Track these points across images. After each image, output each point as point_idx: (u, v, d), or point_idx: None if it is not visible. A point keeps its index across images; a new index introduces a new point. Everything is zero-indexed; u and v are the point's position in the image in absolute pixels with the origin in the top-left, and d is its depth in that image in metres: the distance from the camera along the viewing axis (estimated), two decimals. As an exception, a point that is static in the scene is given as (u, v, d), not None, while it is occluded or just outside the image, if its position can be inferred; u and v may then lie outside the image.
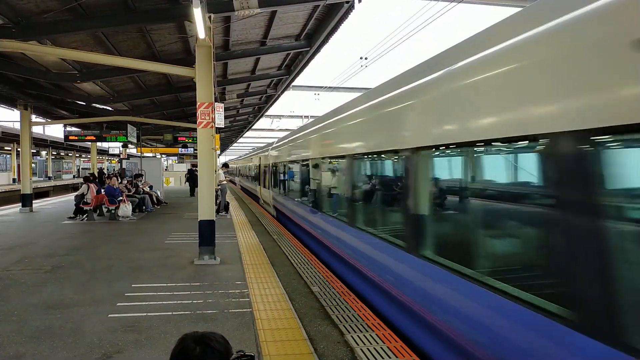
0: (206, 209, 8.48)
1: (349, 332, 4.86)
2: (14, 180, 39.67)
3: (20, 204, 17.26)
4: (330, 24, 10.64)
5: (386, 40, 59.03)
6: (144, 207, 16.65)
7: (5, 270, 7.65)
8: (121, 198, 14.64)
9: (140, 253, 9.08)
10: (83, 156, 61.31)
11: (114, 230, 12.45)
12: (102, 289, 6.49)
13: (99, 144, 29.65)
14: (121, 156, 26.70)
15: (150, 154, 30.12)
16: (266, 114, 29.58)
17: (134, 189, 17.40)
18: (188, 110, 20.57)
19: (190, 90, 13.85)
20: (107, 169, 41.12)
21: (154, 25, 9.69)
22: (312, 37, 12.28)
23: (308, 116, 33.05)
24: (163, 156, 35.89)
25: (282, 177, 14.54)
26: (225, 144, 52.07)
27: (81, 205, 14.35)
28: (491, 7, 13.01)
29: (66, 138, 19.77)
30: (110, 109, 19.12)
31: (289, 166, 13.38)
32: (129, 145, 24.98)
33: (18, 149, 27.17)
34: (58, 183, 43.68)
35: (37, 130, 34.93)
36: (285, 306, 5.77)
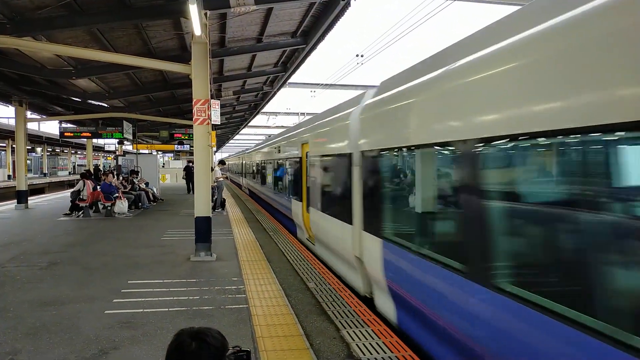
0: (202, 206, 8.48)
1: (345, 328, 4.89)
2: (9, 176, 39.51)
3: (15, 201, 17.21)
4: (326, 21, 10.63)
5: (382, 37, 59.07)
6: (140, 204, 16.62)
7: (0, 267, 7.64)
8: (117, 195, 14.61)
9: (136, 250, 9.08)
10: (79, 153, 61.06)
11: (110, 227, 12.44)
12: (98, 286, 6.49)
13: (95, 141, 29.57)
14: (117, 153, 26.65)
15: (146, 151, 30.08)
16: (262, 111, 29.52)
17: (130, 186, 17.39)
18: (184, 107, 20.51)
19: (186, 87, 13.83)
20: (103, 166, 40.96)
21: (150, 21, 9.65)
22: (309, 34, 12.26)
23: (304, 113, 33.03)
24: (159, 153, 35.84)
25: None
26: (221, 141, 51.97)
27: (77, 201, 14.32)
28: (487, 5, 13.03)
29: (61, 135, 19.69)
30: (106, 106, 19.03)
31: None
32: (125, 142, 24.91)
33: (13, 146, 27.13)
34: (54, 180, 43.52)
35: (33, 126, 34.75)
36: (281, 302, 5.80)
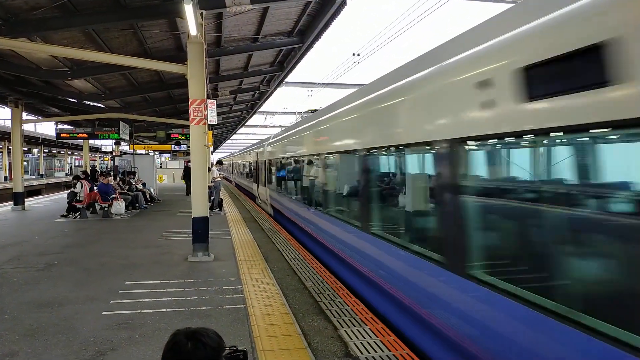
0: (199, 206, 8.47)
1: (343, 327, 4.90)
2: (6, 178, 39.36)
3: (12, 203, 17.15)
4: (322, 20, 10.63)
5: (378, 36, 59.05)
6: (137, 205, 16.59)
7: (-3, 268, 7.61)
8: (114, 195, 14.58)
9: (133, 250, 9.06)
10: (75, 154, 60.87)
11: (107, 227, 12.41)
12: (96, 287, 6.48)
13: (91, 142, 29.44)
14: (114, 154, 26.54)
15: (143, 151, 29.99)
16: (259, 111, 29.51)
17: (127, 187, 17.35)
18: (181, 107, 20.47)
19: (182, 87, 13.76)
20: (100, 167, 40.85)
21: (145, 21, 9.64)
22: (305, 34, 12.26)
23: (301, 113, 32.98)
24: (156, 153, 35.73)
25: None
26: (218, 141, 51.93)
27: (74, 203, 14.29)
28: (484, 3, 13.05)
29: (58, 136, 19.59)
30: (102, 106, 18.98)
31: None
32: (122, 142, 24.83)
33: (9, 147, 27.01)
34: (50, 181, 43.37)
35: (29, 127, 34.60)
36: (279, 302, 5.80)
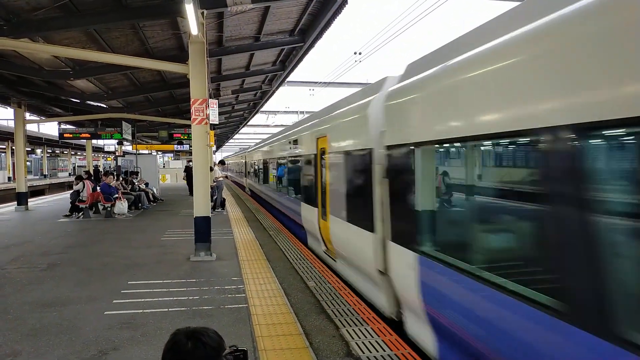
0: (201, 206, 8.48)
1: (344, 326, 4.89)
2: (9, 178, 39.50)
3: (15, 203, 17.21)
4: (324, 19, 10.62)
5: (380, 34, 58.95)
6: (140, 205, 16.61)
7: (0, 268, 7.64)
8: (117, 195, 14.61)
9: (136, 250, 9.08)
10: (78, 154, 61.05)
11: (110, 227, 12.44)
12: (98, 287, 6.49)
13: (94, 142, 29.56)
14: (116, 153, 26.65)
15: (145, 151, 30.08)
16: (261, 110, 29.53)
17: (130, 186, 17.38)
18: (183, 107, 20.51)
19: (184, 86, 13.80)
20: (103, 167, 40.96)
21: (147, 21, 9.65)
22: (306, 32, 12.26)
23: (303, 112, 33.01)
24: (159, 153, 35.84)
25: None
26: (221, 141, 51.97)
27: (77, 203, 14.33)
28: (485, 0, 13.01)
29: (61, 136, 19.70)
30: (104, 106, 19.03)
31: None
32: (124, 142, 24.91)
33: (13, 147, 27.14)
34: (54, 181, 43.50)
35: (32, 128, 34.83)
36: (281, 301, 5.80)
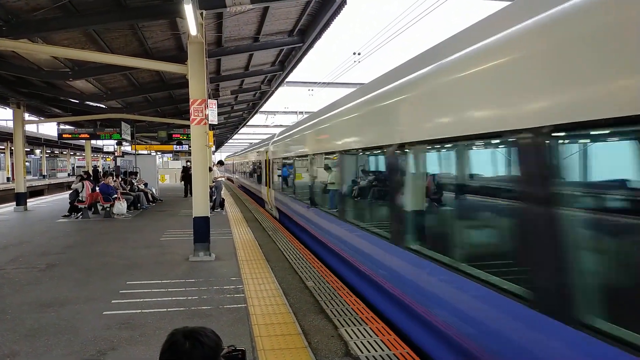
0: (200, 206, 8.48)
1: (343, 326, 4.90)
2: (8, 179, 39.47)
3: (14, 203, 17.19)
4: (323, 19, 10.62)
5: (379, 34, 58.87)
6: (139, 205, 16.61)
7: (-1, 269, 7.64)
8: (116, 196, 14.60)
9: (135, 250, 9.08)
10: (78, 154, 61.02)
11: (109, 228, 12.43)
12: (97, 287, 6.49)
13: (93, 142, 29.53)
14: (116, 154, 26.62)
15: (145, 152, 30.05)
16: (261, 110, 29.53)
17: (129, 187, 17.37)
18: (182, 107, 20.49)
19: (183, 87, 13.75)
20: (102, 167, 40.95)
21: (146, 22, 9.64)
22: (305, 33, 12.26)
23: (302, 112, 33.01)
24: (158, 153, 35.81)
25: None
26: (220, 141, 51.95)
27: (76, 203, 14.32)
28: (485, 0, 13.01)
29: (60, 136, 19.68)
30: (103, 107, 19.02)
31: None
32: (124, 142, 24.89)
33: (12, 148, 27.05)
34: (53, 181, 43.47)
35: (31, 128, 34.69)
36: (279, 301, 5.80)
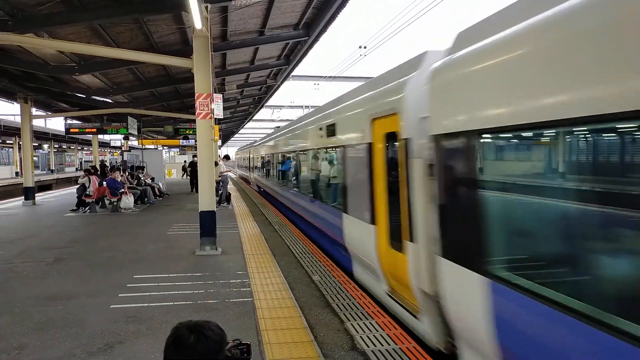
0: (206, 200, 8.49)
1: (349, 320, 4.89)
2: (17, 173, 39.79)
3: (23, 197, 17.34)
4: (328, 12, 10.53)
5: (385, 28, 58.68)
6: (146, 199, 16.69)
7: (7, 262, 7.70)
8: (123, 190, 14.67)
9: (142, 244, 9.12)
10: (85, 149, 61.39)
11: (116, 222, 12.50)
12: (104, 281, 6.53)
13: (101, 137, 29.65)
14: (123, 148, 26.75)
15: (151, 146, 30.14)
16: (266, 105, 29.48)
17: (136, 181, 17.45)
18: (188, 101, 20.49)
19: (189, 81, 13.75)
20: (110, 161, 41.17)
21: (151, 16, 9.61)
22: (311, 26, 12.18)
23: (309, 106, 32.92)
24: (164, 148, 35.91)
25: None
26: (226, 135, 52.01)
27: (83, 197, 14.41)
28: (491, -7, 12.86)
29: (67, 131, 19.79)
30: (110, 101, 19.07)
31: None
32: (130, 137, 24.97)
33: (20, 143, 27.30)
34: (61, 176, 43.79)
35: (39, 123, 34.88)
36: (285, 295, 5.80)
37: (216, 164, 14.34)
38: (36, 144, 43.41)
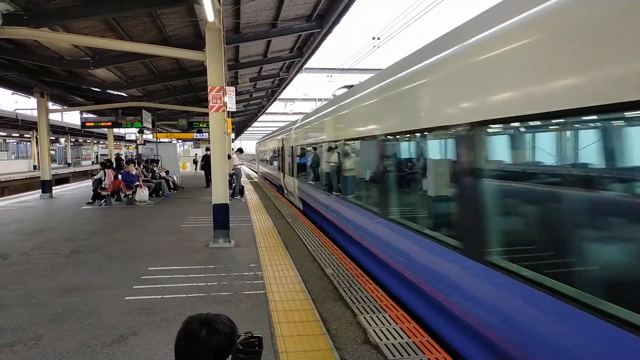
0: (220, 193, 8.51)
1: (362, 313, 4.86)
2: (35, 167, 40.49)
3: (40, 190, 17.62)
4: (341, 4, 10.43)
5: (399, 18, 57.96)
6: (161, 192, 16.83)
7: (25, 254, 7.82)
8: (138, 183, 14.81)
9: (156, 237, 9.19)
10: (101, 142, 62.20)
11: (131, 214, 12.63)
12: (119, 273, 6.59)
13: (116, 130, 29.97)
14: (137, 142, 26.98)
15: (166, 140, 30.37)
16: (279, 98, 29.44)
17: (150, 174, 17.60)
18: (201, 95, 20.58)
19: (202, 74, 13.82)
20: (125, 155, 41.63)
21: (164, 9, 9.62)
22: (324, 18, 12.08)
23: (322, 99, 32.80)
24: (179, 141, 36.18)
25: None
26: (239, 129, 52.16)
27: (99, 190, 14.59)
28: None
29: (83, 125, 20.00)
30: (124, 95, 19.23)
31: None
32: (145, 130, 25.16)
33: (37, 137, 27.69)
34: (77, 169, 44.44)
35: (55, 117, 35.45)
36: (298, 288, 5.79)
37: (229, 157, 14.39)
38: (53, 138, 44.06)
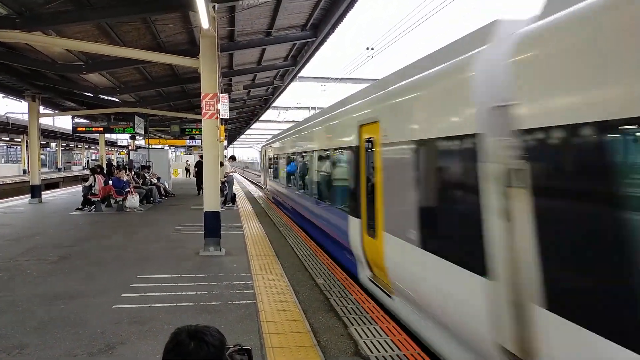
0: (211, 200, 8.45)
1: (353, 325, 4.82)
2: (25, 171, 40.08)
3: (29, 195, 17.41)
4: (336, 13, 10.48)
5: (393, 29, 58.45)
6: (152, 199, 16.70)
7: (11, 260, 7.70)
8: (128, 189, 14.69)
9: (146, 244, 9.09)
10: (92, 148, 61.73)
11: (121, 221, 12.50)
12: (107, 280, 6.50)
13: (107, 136, 29.81)
14: (129, 148, 26.81)
15: (158, 146, 30.22)
16: (273, 106, 29.46)
17: (142, 181, 17.47)
18: (194, 101, 20.51)
19: (196, 81, 13.76)
20: (117, 161, 41.37)
21: (158, 15, 9.60)
22: (318, 27, 12.13)
23: (315, 108, 32.90)
24: (171, 148, 36.02)
25: None
26: (232, 136, 52.09)
27: (89, 196, 14.44)
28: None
29: (74, 129, 19.87)
30: (117, 101, 19.12)
31: None
32: (137, 136, 25.02)
33: (28, 141, 27.35)
34: (68, 174, 44.04)
35: (47, 121, 35.09)
36: (289, 298, 5.74)
37: (222, 165, 14.34)
38: (44, 142, 43.70)
